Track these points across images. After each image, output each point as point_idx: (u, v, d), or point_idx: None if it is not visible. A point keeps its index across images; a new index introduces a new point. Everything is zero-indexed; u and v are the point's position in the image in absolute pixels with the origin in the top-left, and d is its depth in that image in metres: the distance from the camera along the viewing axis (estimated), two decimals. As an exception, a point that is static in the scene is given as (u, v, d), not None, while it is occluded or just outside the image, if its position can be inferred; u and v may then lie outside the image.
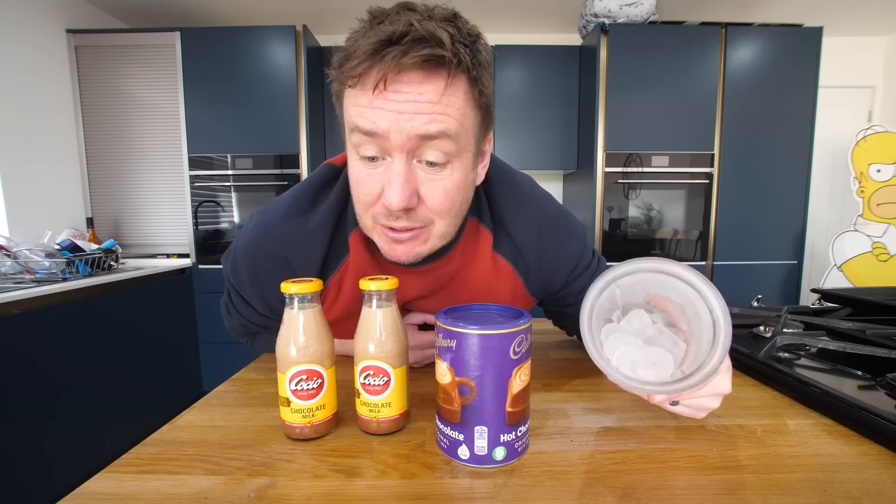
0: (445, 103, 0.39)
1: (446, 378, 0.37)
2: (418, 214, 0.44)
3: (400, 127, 0.39)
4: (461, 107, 0.41)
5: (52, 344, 1.54)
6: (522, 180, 0.58)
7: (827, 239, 2.51)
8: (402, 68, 0.37)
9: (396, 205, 0.41)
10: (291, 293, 0.40)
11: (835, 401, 0.45)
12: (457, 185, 0.44)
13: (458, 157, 0.43)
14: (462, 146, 0.42)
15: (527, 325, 0.37)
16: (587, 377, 0.58)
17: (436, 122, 0.39)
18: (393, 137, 0.39)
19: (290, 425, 0.41)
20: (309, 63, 2.25)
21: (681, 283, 0.37)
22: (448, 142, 0.41)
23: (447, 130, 0.40)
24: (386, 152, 0.41)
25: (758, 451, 0.39)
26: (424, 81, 0.38)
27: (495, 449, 0.36)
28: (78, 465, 1.60)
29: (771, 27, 2.19)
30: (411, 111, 0.38)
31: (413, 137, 0.39)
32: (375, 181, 0.43)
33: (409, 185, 0.41)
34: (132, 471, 0.37)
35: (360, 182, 0.44)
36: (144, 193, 2.35)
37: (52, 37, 2.16)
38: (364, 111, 0.39)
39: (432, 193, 0.43)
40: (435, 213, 0.44)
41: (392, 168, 0.41)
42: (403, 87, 0.38)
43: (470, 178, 0.46)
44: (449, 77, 0.39)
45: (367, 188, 0.43)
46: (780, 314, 0.72)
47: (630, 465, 0.37)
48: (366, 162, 0.43)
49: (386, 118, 0.39)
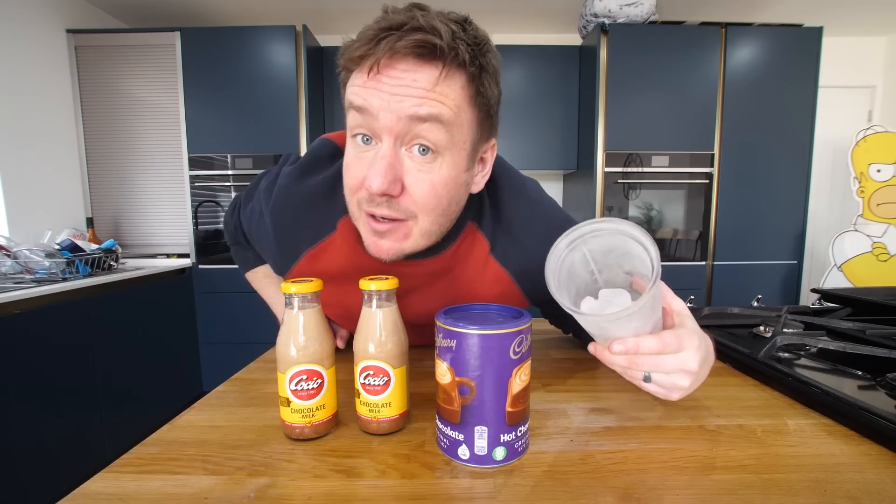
0: (440, 92, 0.39)
1: (446, 378, 0.37)
2: (401, 205, 0.43)
3: (390, 107, 0.39)
4: (456, 99, 0.41)
5: (53, 344, 1.54)
6: (530, 185, 0.59)
7: (827, 239, 2.51)
8: (396, 52, 0.38)
9: (376, 187, 0.40)
10: (291, 293, 0.40)
11: (835, 401, 0.45)
12: (444, 180, 0.43)
13: (450, 151, 0.42)
14: (455, 139, 0.42)
15: (527, 325, 0.37)
16: (587, 377, 0.58)
17: (427, 106, 0.39)
18: (382, 117, 0.40)
19: (290, 425, 0.41)
20: (309, 63, 2.25)
21: (633, 243, 0.40)
22: (439, 128, 0.40)
23: (439, 115, 0.40)
24: (377, 135, 0.41)
25: (758, 451, 0.39)
26: (417, 69, 0.39)
27: (495, 449, 0.36)
28: (78, 465, 1.60)
29: (771, 27, 2.19)
30: (403, 93, 0.39)
31: (403, 118, 0.39)
32: (363, 165, 0.43)
33: (393, 170, 0.41)
34: (132, 471, 0.37)
35: (350, 165, 0.44)
36: (144, 193, 2.35)
37: (52, 37, 2.16)
38: (358, 90, 0.40)
39: (418, 185, 0.42)
40: (418, 206, 0.43)
41: (379, 151, 0.41)
42: (397, 72, 0.39)
43: (462, 178, 0.45)
44: (444, 68, 0.39)
45: (355, 171, 0.43)
46: (780, 314, 0.72)
47: (630, 465, 0.37)
48: (358, 145, 0.43)
49: (377, 97, 0.39)
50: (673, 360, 0.40)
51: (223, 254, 2.34)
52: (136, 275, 1.97)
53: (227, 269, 2.34)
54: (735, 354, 0.61)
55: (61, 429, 1.55)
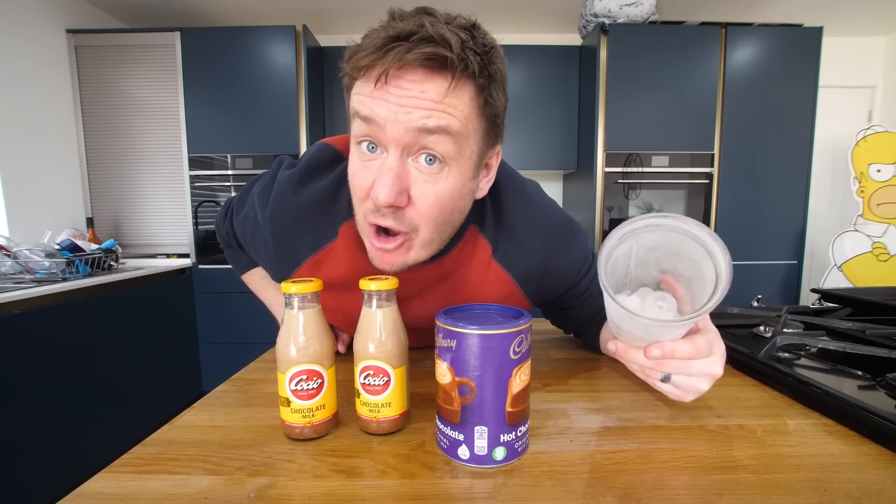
0: (448, 104, 0.39)
1: (446, 378, 0.37)
2: (406, 216, 0.43)
3: (398, 118, 0.39)
4: (465, 111, 0.40)
5: (52, 344, 1.54)
6: (531, 186, 0.59)
7: (827, 239, 2.51)
8: (405, 64, 0.37)
9: (384, 199, 0.40)
10: (291, 293, 0.40)
11: (835, 401, 0.45)
12: (450, 191, 0.42)
13: (457, 162, 0.42)
14: (462, 151, 0.42)
15: (527, 325, 0.37)
16: (587, 377, 0.58)
17: (435, 118, 0.39)
18: (389, 129, 0.39)
19: (290, 425, 0.41)
20: (309, 63, 2.25)
21: (692, 244, 0.37)
22: (448, 140, 0.40)
23: (447, 127, 0.39)
24: (382, 145, 0.41)
25: (758, 451, 0.39)
26: (426, 80, 0.38)
27: (495, 449, 0.36)
28: (78, 465, 1.60)
29: (771, 27, 2.19)
30: (411, 105, 0.38)
31: (411, 130, 0.39)
32: (369, 174, 0.42)
33: (400, 181, 0.40)
34: (132, 471, 0.37)
35: (356, 174, 0.44)
36: (144, 193, 2.35)
37: (51, 37, 2.16)
38: (365, 100, 0.40)
39: (423, 196, 0.42)
40: (422, 217, 0.43)
41: (385, 162, 0.41)
42: (405, 83, 0.38)
43: (468, 187, 0.45)
44: (453, 79, 0.38)
45: (361, 180, 0.43)
46: (780, 314, 0.72)
47: (630, 465, 0.37)
48: (363, 153, 0.42)
49: (385, 108, 0.39)
50: (700, 365, 0.40)
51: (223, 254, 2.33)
52: (136, 275, 1.97)
53: (227, 270, 2.34)
54: (735, 354, 0.61)
55: (61, 428, 1.55)
